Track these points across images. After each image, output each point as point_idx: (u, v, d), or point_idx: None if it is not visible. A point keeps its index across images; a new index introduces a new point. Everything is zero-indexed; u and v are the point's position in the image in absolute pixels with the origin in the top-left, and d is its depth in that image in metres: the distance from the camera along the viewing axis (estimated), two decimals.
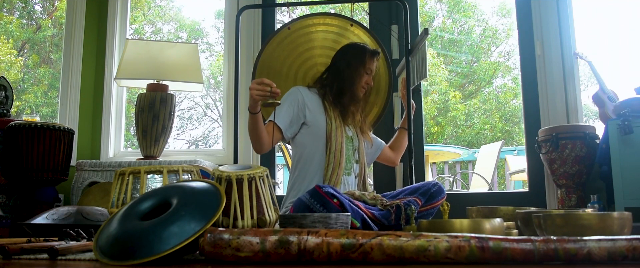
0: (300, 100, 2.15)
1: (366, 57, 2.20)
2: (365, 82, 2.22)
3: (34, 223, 1.92)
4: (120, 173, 1.44)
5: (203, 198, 1.15)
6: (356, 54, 2.22)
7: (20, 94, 8.78)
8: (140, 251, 1.01)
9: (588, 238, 0.93)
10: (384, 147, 2.43)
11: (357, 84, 2.19)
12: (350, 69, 2.20)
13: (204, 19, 11.69)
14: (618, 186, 2.34)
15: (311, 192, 1.74)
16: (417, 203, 1.91)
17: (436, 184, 2.00)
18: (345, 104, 2.18)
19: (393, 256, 0.95)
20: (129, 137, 6.37)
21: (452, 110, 10.30)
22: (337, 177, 2.08)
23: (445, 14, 11.33)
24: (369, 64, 2.20)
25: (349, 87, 2.18)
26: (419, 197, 1.95)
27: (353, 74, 2.19)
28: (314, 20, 2.47)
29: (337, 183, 2.08)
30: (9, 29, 9.12)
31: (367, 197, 1.91)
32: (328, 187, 1.74)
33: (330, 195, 1.70)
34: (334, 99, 2.19)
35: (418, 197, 1.95)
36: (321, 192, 1.71)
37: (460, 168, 6.59)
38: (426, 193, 1.96)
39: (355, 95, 2.20)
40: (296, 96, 2.16)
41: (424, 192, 1.96)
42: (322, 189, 1.72)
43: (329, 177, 2.07)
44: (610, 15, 10.24)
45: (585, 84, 7.50)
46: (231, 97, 3.17)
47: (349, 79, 2.18)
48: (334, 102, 2.19)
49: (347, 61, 2.21)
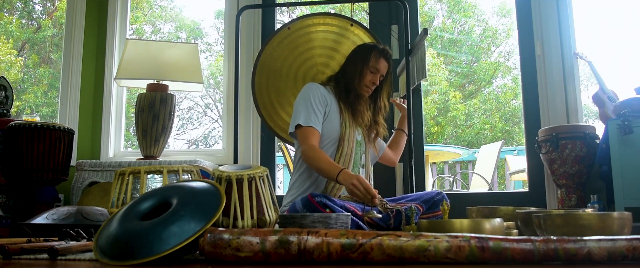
0: (324, 100, 2.07)
1: (371, 54, 2.13)
2: (370, 80, 2.14)
3: (34, 223, 1.92)
4: (120, 174, 1.44)
5: (203, 198, 1.15)
6: (361, 51, 2.17)
7: (20, 94, 8.77)
8: (140, 251, 1.01)
9: (588, 238, 0.93)
10: (386, 148, 2.41)
11: (359, 82, 2.12)
12: (353, 65, 2.14)
13: (203, 19, 11.68)
14: (618, 186, 2.34)
15: (304, 200, 1.74)
16: (419, 210, 1.90)
17: (440, 193, 1.98)
18: (351, 102, 2.12)
19: (393, 256, 0.95)
20: (129, 137, 6.37)
21: (452, 110, 10.30)
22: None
23: (445, 14, 11.33)
24: (373, 62, 2.12)
25: (352, 85, 2.12)
26: (421, 204, 1.93)
27: (355, 71, 2.12)
28: (314, 20, 2.47)
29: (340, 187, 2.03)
30: (9, 29, 9.12)
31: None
32: (321, 197, 1.73)
33: (323, 204, 1.71)
34: (342, 98, 2.12)
35: (420, 204, 1.93)
36: (313, 202, 1.71)
37: (460, 168, 6.58)
38: (429, 201, 1.94)
39: (359, 94, 2.14)
40: (320, 94, 2.06)
41: (427, 200, 1.94)
42: (315, 199, 1.72)
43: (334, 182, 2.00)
44: (610, 15, 10.24)
45: (585, 84, 7.50)
46: (231, 97, 3.17)
47: (351, 76, 2.13)
48: (344, 102, 2.12)
49: (352, 58, 2.17)
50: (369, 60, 2.13)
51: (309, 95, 2.04)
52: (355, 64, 2.14)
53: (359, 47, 2.22)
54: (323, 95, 2.07)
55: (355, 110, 2.12)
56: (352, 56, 2.19)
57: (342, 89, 2.13)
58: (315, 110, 2.01)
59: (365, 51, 2.16)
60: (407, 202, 1.93)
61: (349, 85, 2.13)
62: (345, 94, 2.12)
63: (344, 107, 2.11)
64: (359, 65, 2.13)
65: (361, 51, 2.17)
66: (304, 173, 2.09)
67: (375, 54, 2.14)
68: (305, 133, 1.97)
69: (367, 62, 2.12)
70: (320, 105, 2.04)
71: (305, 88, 2.10)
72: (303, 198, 1.76)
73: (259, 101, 2.50)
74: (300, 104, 2.04)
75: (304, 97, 2.05)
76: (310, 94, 2.05)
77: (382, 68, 2.15)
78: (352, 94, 2.12)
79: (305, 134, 1.97)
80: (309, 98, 2.04)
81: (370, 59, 2.13)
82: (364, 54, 2.15)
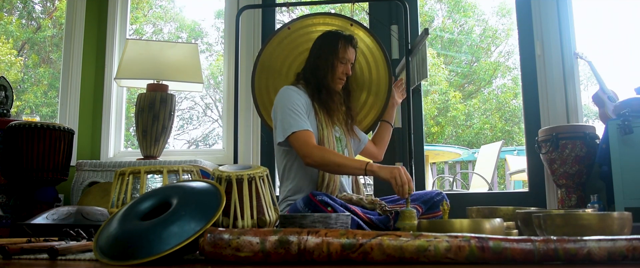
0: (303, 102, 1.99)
1: (339, 44, 2.02)
2: (342, 72, 2.04)
3: (34, 223, 1.92)
4: (120, 174, 1.44)
5: (203, 198, 1.15)
6: (327, 43, 2.04)
7: (20, 94, 8.77)
8: (140, 251, 1.01)
9: (588, 238, 0.93)
10: (368, 142, 2.32)
11: (332, 77, 2.03)
12: (322, 59, 2.03)
13: (204, 19, 11.68)
14: (618, 186, 2.34)
15: (305, 200, 1.72)
16: (418, 211, 1.87)
17: (440, 194, 1.94)
18: (324, 100, 2.01)
19: (393, 256, 0.95)
20: (129, 137, 6.37)
21: (452, 110, 10.30)
22: (334, 183, 1.97)
23: (445, 14, 11.33)
24: (342, 52, 2.02)
25: (325, 82, 2.02)
26: (421, 205, 1.90)
27: (326, 67, 2.01)
28: (314, 20, 2.46)
29: (334, 189, 1.98)
30: (9, 29, 9.12)
31: (365, 202, 1.88)
32: (322, 195, 1.72)
33: (325, 203, 1.69)
34: (315, 98, 2.02)
35: (420, 204, 1.90)
36: (315, 200, 1.70)
37: (460, 168, 6.59)
38: (428, 202, 1.91)
39: (332, 90, 2.04)
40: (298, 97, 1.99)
41: (427, 200, 1.91)
42: (316, 197, 1.71)
43: (326, 184, 1.95)
44: (610, 15, 10.23)
45: (585, 84, 7.50)
46: (231, 97, 3.17)
47: (323, 73, 2.02)
48: (318, 102, 2.02)
49: (318, 52, 2.05)
50: (337, 52, 2.02)
51: (290, 100, 1.95)
52: (325, 58, 2.03)
53: (323, 39, 2.09)
54: (301, 98, 1.99)
55: (330, 109, 2.03)
56: (318, 50, 2.07)
57: (313, 88, 2.04)
58: (301, 113, 1.93)
59: (331, 42, 2.04)
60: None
61: (321, 82, 2.03)
62: (318, 93, 2.03)
63: (319, 107, 2.02)
64: (329, 60, 2.02)
65: (327, 43, 2.05)
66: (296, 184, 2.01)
67: (343, 43, 2.03)
68: (303, 137, 1.88)
69: (336, 54, 2.02)
70: (303, 106, 1.96)
71: (282, 93, 2.00)
72: (304, 197, 1.75)
73: (258, 101, 2.50)
74: (284, 111, 1.94)
75: (284, 104, 1.95)
76: (291, 99, 1.96)
77: (351, 56, 2.07)
78: (325, 92, 2.03)
79: (303, 138, 1.88)
80: (291, 103, 1.94)
81: (339, 50, 2.03)
82: (331, 46, 2.03)
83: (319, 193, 1.73)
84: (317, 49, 2.09)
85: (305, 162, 1.89)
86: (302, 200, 1.74)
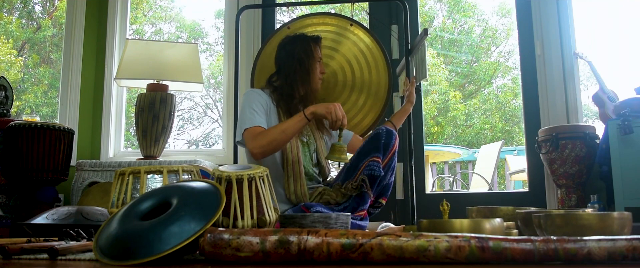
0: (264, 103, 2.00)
1: (311, 47, 2.08)
2: (320, 72, 2.11)
3: (34, 223, 1.92)
4: (120, 174, 1.44)
5: (203, 199, 1.15)
6: (303, 48, 2.07)
7: (20, 94, 8.77)
8: (140, 251, 1.01)
9: (588, 238, 0.93)
10: (352, 137, 2.26)
11: (315, 79, 2.09)
12: (305, 66, 2.06)
13: (204, 19, 11.67)
14: (618, 186, 2.34)
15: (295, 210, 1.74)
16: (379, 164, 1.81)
17: (385, 130, 1.86)
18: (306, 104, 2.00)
19: (393, 256, 0.95)
20: (129, 137, 6.37)
21: (452, 110, 10.29)
22: (301, 188, 1.95)
23: (445, 14, 11.33)
24: (317, 52, 2.09)
25: (310, 86, 2.07)
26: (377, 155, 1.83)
27: (309, 71, 2.06)
28: (313, 20, 2.47)
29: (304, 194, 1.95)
30: (9, 29, 9.12)
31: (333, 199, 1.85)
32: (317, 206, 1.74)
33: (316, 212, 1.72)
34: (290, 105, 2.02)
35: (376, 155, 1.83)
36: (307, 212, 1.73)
37: (460, 168, 6.58)
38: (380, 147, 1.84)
39: (315, 92, 2.11)
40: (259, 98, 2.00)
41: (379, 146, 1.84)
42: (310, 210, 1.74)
43: (292, 191, 1.93)
44: (610, 15, 10.24)
45: (585, 84, 7.49)
46: (231, 97, 3.17)
47: (306, 77, 2.05)
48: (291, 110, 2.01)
49: (297, 59, 2.06)
50: (313, 53, 2.08)
51: (249, 100, 1.98)
52: (305, 62, 2.06)
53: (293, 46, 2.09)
54: (261, 98, 2.00)
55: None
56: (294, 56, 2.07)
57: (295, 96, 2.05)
58: (257, 111, 1.95)
59: (305, 47, 2.08)
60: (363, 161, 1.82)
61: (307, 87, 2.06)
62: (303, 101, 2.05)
63: (283, 113, 2.02)
64: (309, 63, 2.06)
65: (301, 49, 2.07)
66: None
67: (313, 44, 2.10)
68: (253, 131, 1.89)
69: (313, 55, 2.08)
70: (262, 106, 1.98)
71: (244, 96, 2.03)
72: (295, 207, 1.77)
73: None
74: (243, 111, 1.97)
75: (244, 105, 1.98)
76: (251, 99, 1.98)
77: (321, 53, 2.14)
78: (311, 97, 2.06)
79: (252, 133, 1.89)
80: (250, 102, 1.97)
81: (314, 52, 2.09)
82: (306, 50, 2.07)
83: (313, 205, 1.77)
84: (290, 57, 2.08)
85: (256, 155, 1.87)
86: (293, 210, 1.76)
